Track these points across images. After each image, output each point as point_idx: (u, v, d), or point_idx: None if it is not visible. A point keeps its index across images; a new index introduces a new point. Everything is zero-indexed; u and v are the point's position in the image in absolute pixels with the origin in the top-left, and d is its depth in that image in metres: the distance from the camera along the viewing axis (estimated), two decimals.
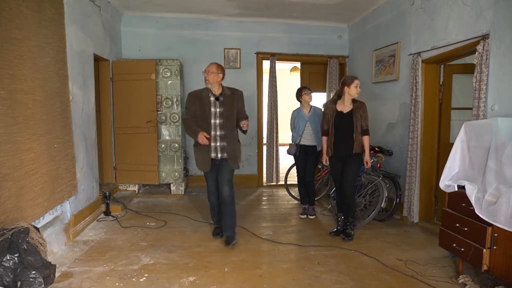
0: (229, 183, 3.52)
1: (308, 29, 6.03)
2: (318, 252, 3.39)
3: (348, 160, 3.63)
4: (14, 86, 2.61)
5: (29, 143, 2.79)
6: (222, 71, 3.46)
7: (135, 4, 5.17)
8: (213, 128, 3.42)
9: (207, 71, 3.42)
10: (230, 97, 3.46)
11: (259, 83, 6.07)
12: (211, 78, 3.39)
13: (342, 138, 3.64)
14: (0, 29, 2.45)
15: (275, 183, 6.07)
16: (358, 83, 3.58)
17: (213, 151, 3.47)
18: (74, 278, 2.84)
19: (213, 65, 3.45)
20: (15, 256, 1.97)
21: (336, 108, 3.69)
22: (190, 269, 3.01)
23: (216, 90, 3.44)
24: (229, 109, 3.44)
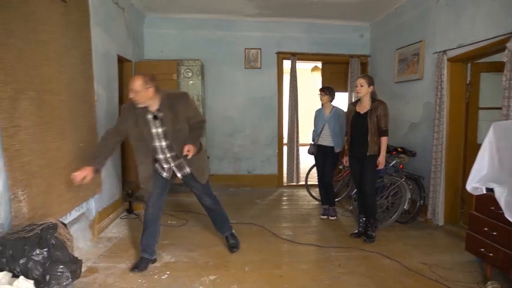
0: (206, 193, 3.21)
1: (329, 28, 5.98)
2: (339, 254, 3.35)
3: (365, 161, 3.57)
4: (42, 86, 2.70)
5: (56, 142, 2.88)
6: (151, 83, 2.68)
7: (157, 6, 5.25)
8: (160, 151, 2.89)
9: (131, 90, 2.66)
10: (171, 110, 2.77)
11: (280, 83, 6.06)
12: (139, 97, 2.67)
13: (358, 139, 3.61)
14: (29, 32, 2.53)
15: (295, 183, 6.04)
16: (357, 82, 3.56)
17: (167, 172, 3.02)
18: (98, 273, 2.91)
19: (137, 81, 2.66)
20: (44, 251, 2.03)
21: (355, 108, 3.66)
22: (210, 268, 3.03)
23: (152, 106, 2.76)
24: (174, 126, 2.79)
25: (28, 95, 2.50)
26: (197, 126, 2.93)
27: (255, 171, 6.12)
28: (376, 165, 3.52)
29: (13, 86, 2.33)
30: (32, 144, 2.55)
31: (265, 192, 5.72)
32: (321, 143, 4.38)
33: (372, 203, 3.65)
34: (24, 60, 2.46)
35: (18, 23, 2.40)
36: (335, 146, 4.29)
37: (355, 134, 3.64)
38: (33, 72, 2.58)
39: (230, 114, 6.00)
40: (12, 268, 1.97)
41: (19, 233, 2.14)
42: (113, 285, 2.73)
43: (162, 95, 2.78)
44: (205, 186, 3.19)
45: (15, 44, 2.37)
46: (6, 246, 2.01)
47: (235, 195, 5.60)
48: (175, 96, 2.86)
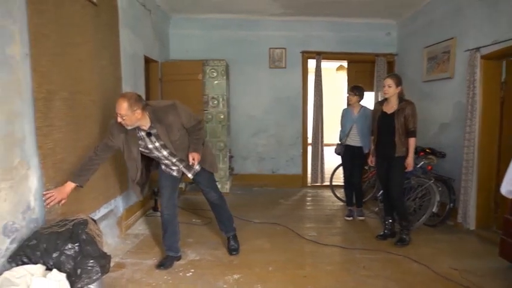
0: (212, 187, 3.20)
1: (354, 26, 5.88)
2: (363, 256, 3.30)
3: (392, 163, 3.48)
4: (74, 87, 2.79)
5: (86, 140, 2.97)
6: (136, 104, 2.51)
7: (183, 7, 5.33)
8: (164, 159, 2.88)
9: (119, 115, 2.50)
10: (162, 124, 2.67)
11: (305, 82, 6.02)
12: (128, 121, 2.52)
13: (384, 139, 3.53)
14: (63, 35, 2.62)
15: (320, 183, 5.99)
16: (385, 83, 3.47)
17: (177, 172, 3.04)
18: (126, 268, 2.99)
19: (122, 105, 2.46)
20: (76, 245, 2.10)
21: (381, 108, 3.58)
22: (234, 267, 3.05)
23: (143, 125, 2.65)
24: (170, 137, 2.72)
25: (61, 95, 2.59)
26: (194, 129, 2.86)
27: (279, 171, 6.11)
28: (404, 166, 3.43)
29: (47, 87, 2.43)
30: (64, 142, 2.65)
31: (289, 192, 5.70)
32: (348, 143, 4.30)
33: (400, 206, 3.56)
34: (57, 62, 2.55)
35: (52, 27, 2.49)
36: (364, 147, 4.20)
37: (382, 134, 3.56)
38: (66, 73, 2.67)
39: (254, 114, 6.01)
40: (46, 261, 2.05)
41: (52, 227, 2.22)
42: (139, 280, 2.80)
43: (150, 112, 2.63)
44: (213, 181, 3.21)
45: (49, 47, 2.46)
46: (41, 240, 2.09)
47: (259, 194, 5.61)
48: (163, 109, 2.68)
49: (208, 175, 3.14)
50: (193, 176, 3.09)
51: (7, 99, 2.09)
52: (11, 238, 2.12)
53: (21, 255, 2.06)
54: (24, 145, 2.24)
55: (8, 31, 2.10)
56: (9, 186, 2.10)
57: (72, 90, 2.75)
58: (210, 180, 3.19)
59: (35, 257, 2.06)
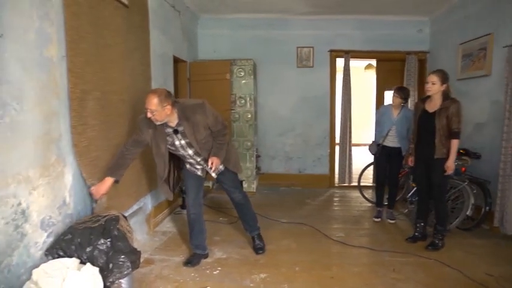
0: (236, 187, 3.20)
1: (384, 24, 5.74)
2: (393, 258, 3.22)
3: (431, 165, 3.34)
4: (107, 87, 2.88)
5: (118, 139, 3.06)
6: (167, 100, 2.56)
7: (211, 7, 5.38)
8: (189, 157, 2.90)
9: (148, 110, 2.54)
10: (190, 122, 2.70)
11: (333, 81, 5.94)
12: (157, 117, 2.57)
13: (424, 139, 3.38)
14: (97, 36, 2.71)
15: (347, 184, 5.89)
16: (428, 79, 3.28)
17: (201, 171, 3.07)
18: (154, 265, 3.06)
19: (153, 100, 2.51)
20: (108, 241, 2.17)
21: (423, 106, 3.41)
22: (261, 266, 3.05)
23: (171, 122, 2.70)
24: (196, 136, 2.75)
25: (94, 95, 2.68)
26: (219, 134, 2.87)
27: (306, 170, 6.06)
28: (444, 169, 3.25)
29: (82, 87, 2.52)
30: (98, 141, 2.74)
31: (316, 193, 5.64)
32: (386, 144, 4.14)
33: (441, 210, 3.41)
34: (91, 63, 2.64)
35: (88, 29, 2.58)
36: (403, 149, 4.05)
37: (422, 133, 3.40)
38: (100, 74, 2.76)
39: (282, 114, 5.99)
40: (80, 255, 2.13)
41: (86, 223, 2.30)
42: (167, 277, 2.85)
43: (178, 109, 2.68)
44: (236, 181, 3.22)
45: (84, 49, 2.55)
46: (75, 235, 2.17)
47: (286, 194, 5.59)
48: (192, 107, 2.72)
49: (232, 175, 3.15)
50: (217, 176, 3.10)
51: (45, 99, 2.19)
52: (48, 232, 2.21)
53: (57, 249, 2.15)
54: (60, 143, 2.34)
55: (45, 33, 2.19)
56: (46, 183, 2.20)
57: (104, 90, 2.84)
58: (234, 180, 3.20)
59: (70, 251, 2.14)
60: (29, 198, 2.05)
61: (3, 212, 1.86)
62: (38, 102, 2.13)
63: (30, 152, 2.06)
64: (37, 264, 2.05)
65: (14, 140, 1.93)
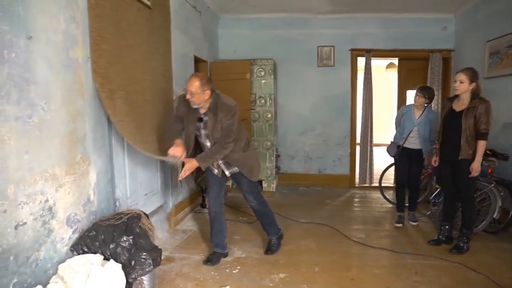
0: (251, 193, 3.16)
1: (407, 22, 5.62)
2: (415, 261, 3.15)
3: (456, 166, 3.25)
4: (130, 87, 2.93)
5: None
6: (207, 85, 2.69)
7: (232, 7, 5.41)
8: (205, 148, 2.97)
9: (188, 92, 2.67)
10: (215, 116, 2.77)
11: (354, 80, 5.86)
12: (196, 99, 2.68)
13: (449, 140, 3.28)
14: (119, 38, 2.76)
15: (368, 184, 5.81)
16: (456, 78, 3.16)
17: (217, 168, 3.05)
18: (175, 262, 3.10)
19: (194, 84, 2.65)
20: (130, 238, 2.21)
21: (451, 105, 3.30)
22: (280, 266, 3.05)
23: (202, 108, 2.80)
24: (213, 132, 2.81)
25: (120, 94, 2.74)
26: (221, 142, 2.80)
27: (326, 170, 6.01)
28: (469, 171, 3.14)
29: (108, 86, 2.58)
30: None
31: (336, 193, 5.59)
32: (406, 146, 3.98)
33: (467, 212, 3.30)
34: (114, 63, 2.69)
35: (110, 30, 2.64)
36: (424, 151, 3.91)
37: (447, 133, 3.30)
38: (123, 74, 2.81)
39: (302, 113, 5.96)
40: (103, 251, 2.18)
41: (109, 220, 2.36)
42: (187, 275, 2.88)
43: (213, 99, 2.76)
44: (252, 186, 3.15)
45: (107, 50, 2.60)
46: (99, 232, 2.23)
47: (306, 194, 5.56)
48: (224, 106, 2.76)
49: (247, 180, 3.09)
50: (235, 178, 3.09)
51: (70, 99, 2.25)
52: (73, 228, 2.28)
53: (82, 245, 2.21)
54: (85, 142, 2.40)
55: (72, 35, 2.25)
56: (72, 180, 2.26)
57: (127, 90, 2.89)
58: (250, 185, 3.13)
59: (94, 247, 2.19)
60: (55, 195, 2.11)
61: (32, 208, 1.93)
62: (64, 102, 2.19)
63: (57, 150, 2.13)
64: (63, 259, 2.11)
65: (41, 138, 2.00)
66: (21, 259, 1.86)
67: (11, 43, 1.78)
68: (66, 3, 2.20)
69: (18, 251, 1.84)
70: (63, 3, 2.17)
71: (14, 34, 1.80)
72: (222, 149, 2.82)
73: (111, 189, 2.75)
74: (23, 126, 1.87)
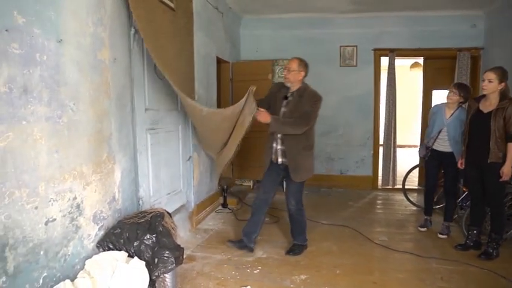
0: (294, 196, 3.22)
1: (433, 20, 5.48)
2: (441, 266, 3.07)
3: (485, 170, 3.13)
4: None
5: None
6: (304, 68, 3.05)
7: (254, 8, 5.42)
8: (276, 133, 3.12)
9: (287, 69, 3.05)
10: (299, 99, 3.03)
11: (377, 80, 5.76)
12: (291, 76, 3.02)
13: (476, 142, 3.18)
14: (154, 38, 2.82)
15: (391, 186, 5.70)
16: (485, 77, 3.04)
17: (274, 153, 3.19)
18: (196, 262, 3.13)
19: (294, 62, 3.03)
20: (153, 236, 2.25)
21: (478, 105, 3.19)
22: (301, 267, 3.03)
23: (292, 88, 3.10)
24: (292, 113, 3.02)
25: None
26: (296, 120, 2.99)
27: (348, 172, 5.93)
28: (499, 175, 3.02)
29: None
30: None
31: (359, 194, 5.51)
32: (436, 148, 3.78)
33: (497, 217, 3.19)
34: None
35: (148, 31, 2.71)
36: (456, 154, 3.62)
37: (474, 135, 3.19)
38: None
39: (324, 113, 5.80)
40: (128, 249, 2.23)
41: (133, 218, 2.40)
42: (209, 274, 2.91)
43: (303, 84, 3.10)
44: (297, 191, 3.21)
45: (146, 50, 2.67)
46: (124, 229, 2.28)
47: (327, 195, 5.51)
48: (311, 93, 3.07)
49: (295, 184, 3.17)
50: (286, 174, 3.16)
51: (98, 99, 2.31)
52: (99, 225, 2.34)
53: (107, 242, 2.27)
54: (110, 141, 2.46)
55: (99, 38, 2.31)
56: (98, 179, 2.32)
57: None
58: (296, 190, 3.21)
59: (119, 244, 2.25)
60: (83, 193, 2.18)
61: (61, 205, 1.99)
62: (92, 102, 2.25)
63: (85, 149, 2.19)
64: (89, 255, 2.17)
65: (70, 138, 2.06)
66: (50, 254, 1.93)
67: (43, 46, 1.85)
68: (95, 7, 2.26)
69: (48, 246, 1.91)
70: (92, 8, 2.24)
71: (46, 37, 1.87)
72: (295, 125, 3.00)
73: (135, 188, 2.81)
74: (54, 126, 1.93)
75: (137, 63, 2.83)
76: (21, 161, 1.74)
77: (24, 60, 1.74)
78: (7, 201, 1.66)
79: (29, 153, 1.78)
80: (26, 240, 1.77)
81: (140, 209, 2.79)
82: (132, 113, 2.75)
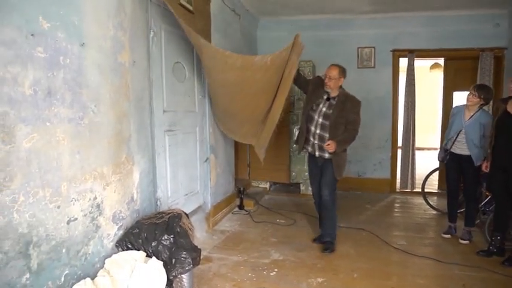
0: (329, 186, 3.37)
1: (453, 19, 5.35)
2: (463, 272, 2.99)
3: (511, 173, 3.05)
4: None
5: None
6: (343, 75, 3.27)
7: (271, 10, 5.42)
8: (314, 123, 3.31)
9: (327, 77, 3.23)
10: (342, 104, 3.24)
11: (395, 82, 5.67)
12: (332, 84, 3.23)
13: (503, 144, 3.08)
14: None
15: (410, 189, 5.59)
16: None
17: (311, 146, 3.39)
18: (213, 263, 3.14)
19: (335, 70, 3.23)
20: (171, 237, 2.28)
21: (505, 107, 3.09)
22: (318, 270, 3.01)
23: (333, 93, 3.29)
24: (336, 117, 3.22)
25: None
26: (350, 131, 3.24)
27: (366, 174, 5.86)
28: None
29: None
30: None
31: (376, 197, 5.42)
32: (454, 150, 3.64)
33: None
34: None
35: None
36: (475, 159, 3.49)
37: (501, 138, 3.10)
38: None
39: None
40: (146, 249, 2.26)
41: (151, 219, 2.44)
42: (225, 275, 2.92)
43: (342, 90, 3.30)
44: (333, 182, 3.38)
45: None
46: (142, 230, 2.31)
47: (344, 198, 5.43)
48: (352, 98, 3.28)
49: (331, 175, 3.34)
50: (322, 166, 3.37)
51: (117, 101, 2.36)
52: (118, 225, 2.38)
53: (126, 242, 2.30)
54: (129, 143, 2.50)
55: (119, 41, 2.36)
56: (117, 180, 2.37)
57: None
58: (332, 181, 3.37)
59: (137, 244, 2.28)
60: (103, 193, 2.22)
61: (82, 205, 2.04)
62: (112, 104, 2.30)
63: (105, 150, 2.24)
64: (109, 255, 2.22)
65: (91, 139, 2.11)
66: (72, 252, 1.98)
67: (66, 50, 1.90)
68: (115, 11, 2.31)
69: (69, 245, 1.96)
70: (113, 12, 2.29)
71: (69, 41, 1.92)
72: (352, 138, 3.29)
73: (153, 188, 2.85)
74: (76, 128, 1.98)
75: (156, 66, 2.87)
76: (45, 161, 1.79)
77: (48, 63, 1.79)
78: (31, 200, 1.72)
79: (52, 153, 1.83)
80: (49, 238, 1.82)
81: (158, 210, 2.83)
82: (151, 114, 2.80)
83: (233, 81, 3.19)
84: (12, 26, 1.61)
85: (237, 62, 3.04)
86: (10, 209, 1.62)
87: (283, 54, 3.06)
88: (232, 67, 3.05)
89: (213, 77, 3.31)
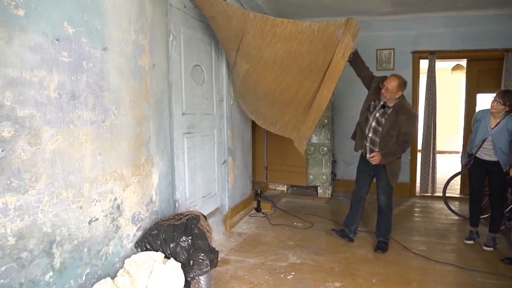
0: (385, 192, 3.45)
1: (477, 19, 5.22)
2: (486, 280, 2.90)
3: None
4: None
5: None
6: (402, 89, 3.15)
7: (288, 12, 5.40)
8: (368, 126, 3.34)
9: (385, 88, 3.13)
10: (396, 115, 3.17)
11: (415, 84, 5.56)
12: (388, 95, 3.14)
13: None
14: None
15: (430, 194, 5.47)
16: None
17: (363, 148, 3.46)
18: (230, 265, 3.15)
19: (394, 82, 3.11)
20: (189, 238, 2.30)
21: None
22: (336, 274, 2.98)
23: (389, 102, 3.23)
24: (387, 128, 3.21)
25: None
26: (400, 144, 3.21)
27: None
28: None
29: None
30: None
31: (395, 202, 5.21)
32: (479, 156, 3.55)
33: None
34: None
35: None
36: (503, 165, 3.37)
37: None
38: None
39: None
40: (164, 250, 2.29)
41: (169, 220, 2.47)
42: (242, 277, 2.92)
43: (399, 101, 3.19)
44: (389, 188, 3.44)
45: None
46: (161, 231, 2.34)
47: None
48: (407, 110, 3.20)
49: (386, 181, 3.39)
50: (376, 171, 3.43)
51: (137, 104, 2.40)
52: (137, 226, 2.42)
53: (145, 242, 2.34)
54: (149, 145, 2.54)
55: (140, 45, 2.41)
56: (137, 181, 2.41)
57: None
58: (387, 185, 3.42)
59: (156, 245, 2.31)
60: (122, 194, 2.26)
61: (103, 206, 2.09)
62: (132, 107, 2.34)
63: (125, 152, 2.28)
64: (128, 255, 2.26)
65: (112, 141, 2.16)
66: (93, 252, 2.02)
67: (90, 54, 1.96)
68: (136, 15, 2.36)
69: (91, 245, 2.00)
70: (134, 16, 2.34)
71: (92, 46, 1.97)
72: (401, 149, 3.23)
73: (172, 190, 2.88)
74: (97, 130, 2.03)
75: (175, 69, 2.91)
76: (68, 162, 1.84)
77: (72, 67, 1.85)
78: (55, 201, 1.77)
79: (75, 155, 1.88)
80: (71, 238, 1.87)
81: (176, 211, 2.86)
82: (170, 117, 2.83)
83: (279, 56, 2.93)
84: (39, 32, 1.66)
85: (285, 30, 2.81)
86: (35, 208, 1.67)
87: (331, 29, 2.76)
88: (281, 38, 2.83)
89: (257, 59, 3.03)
